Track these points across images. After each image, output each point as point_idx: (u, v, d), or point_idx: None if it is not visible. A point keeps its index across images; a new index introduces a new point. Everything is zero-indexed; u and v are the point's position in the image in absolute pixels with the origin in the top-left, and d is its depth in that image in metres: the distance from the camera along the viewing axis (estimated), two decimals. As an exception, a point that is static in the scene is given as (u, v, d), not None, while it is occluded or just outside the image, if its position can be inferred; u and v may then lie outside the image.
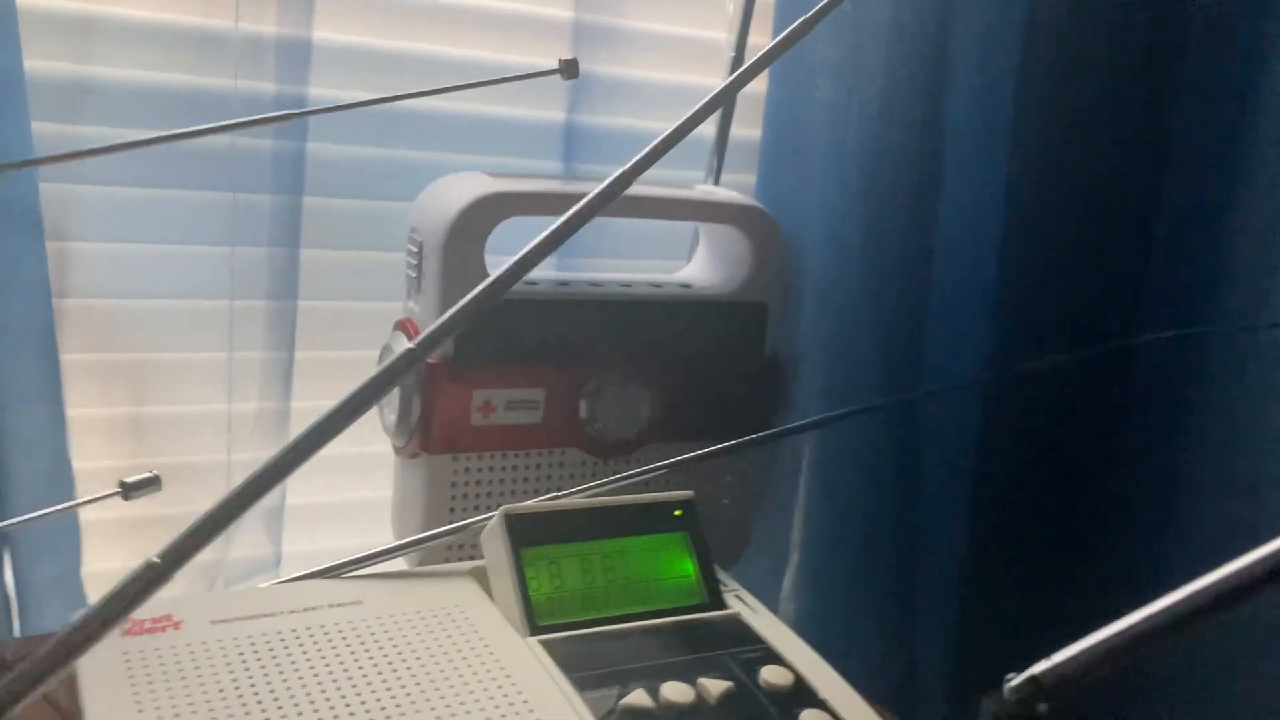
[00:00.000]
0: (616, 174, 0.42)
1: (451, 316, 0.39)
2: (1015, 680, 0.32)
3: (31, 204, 0.66)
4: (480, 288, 0.39)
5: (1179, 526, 0.73)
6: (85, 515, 0.73)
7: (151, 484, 0.51)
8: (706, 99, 0.42)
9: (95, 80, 0.69)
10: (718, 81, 0.85)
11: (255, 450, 0.76)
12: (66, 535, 0.72)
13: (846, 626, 0.77)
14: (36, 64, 0.65)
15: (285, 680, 0.47)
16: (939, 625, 0.77)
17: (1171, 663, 0.72)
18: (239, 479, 0.81)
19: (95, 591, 0.73)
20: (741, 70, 0.42)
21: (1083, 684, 0.31)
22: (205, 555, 0.57)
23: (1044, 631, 0.36)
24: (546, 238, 0.42)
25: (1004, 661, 0.34)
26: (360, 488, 0.80)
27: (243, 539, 0.77)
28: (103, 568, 0.75)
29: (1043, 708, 0.31)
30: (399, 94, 0.55)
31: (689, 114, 0.44)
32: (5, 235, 0.65)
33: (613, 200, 0.42)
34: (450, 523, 0.63)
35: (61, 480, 0.70)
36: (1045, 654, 0.32)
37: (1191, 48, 0.76)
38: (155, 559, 0.37)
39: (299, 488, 0.79)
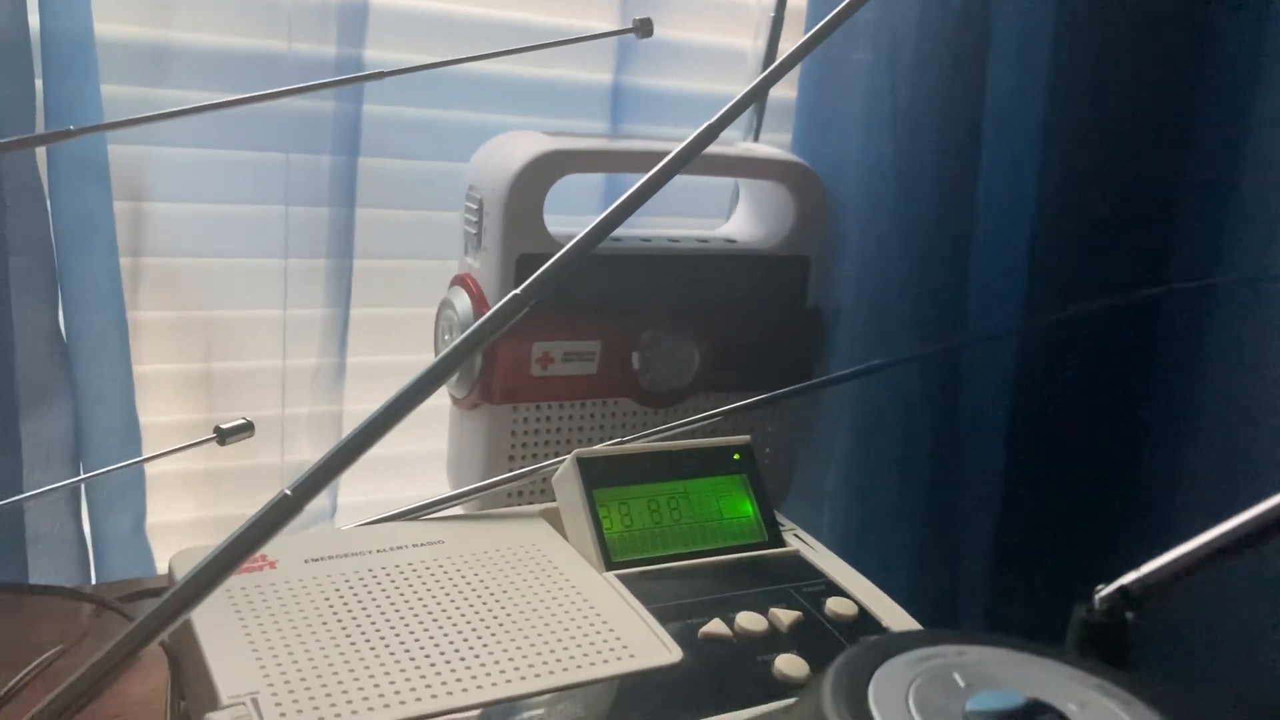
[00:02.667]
0: (700, 130, 0.44)
1: (559, 259, 0.41)
2: (1105, 590, 0.34)
3: (100, 165, 0.68)
4: (583, 233, 0.41)
5: (1204, 464, 0.76)
6: (148, 469, 0.75)
7: (245, 430, 0.53)
8: (789, 53, 0.44)
9: (160, 44, 0.71)
10: (756, 43, 0.88)
11: (313, 405, 0.79)
12: (134, 488, 0.74)
13: (885, 567, 0.79)
14: (106, 28, 0.67)
15: (381, 610, 0.49)
16: (975, 566, 0.81)
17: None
18: (294, 434, 0.84)
19: (160, 543, 0.76)
20: (823, 23, 0.44)
21: (1165, 593, 0.34)
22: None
23: (1077, 569, 0.38)
24: (631, 194, 0.44)
25: (1039, 599, 0.36)
26: (405, 443, 0.83)
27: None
28: (166, 520, 0.78)
29: (1130, 616, 0.34)
30: (469, 56, 0.57)
31: (765, 72, 0.46)
32: (73, 197, 0.67)
33: (696, 156, 0.44)
34: (509, 471, 0.65)
35: (130, 434, 0.73)
36: (1079, 590, 0.35)
37: (1218, 6, 0.78)
38: (288, 491, 0.39)
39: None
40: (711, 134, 0.45)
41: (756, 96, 0.45)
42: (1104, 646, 0.34)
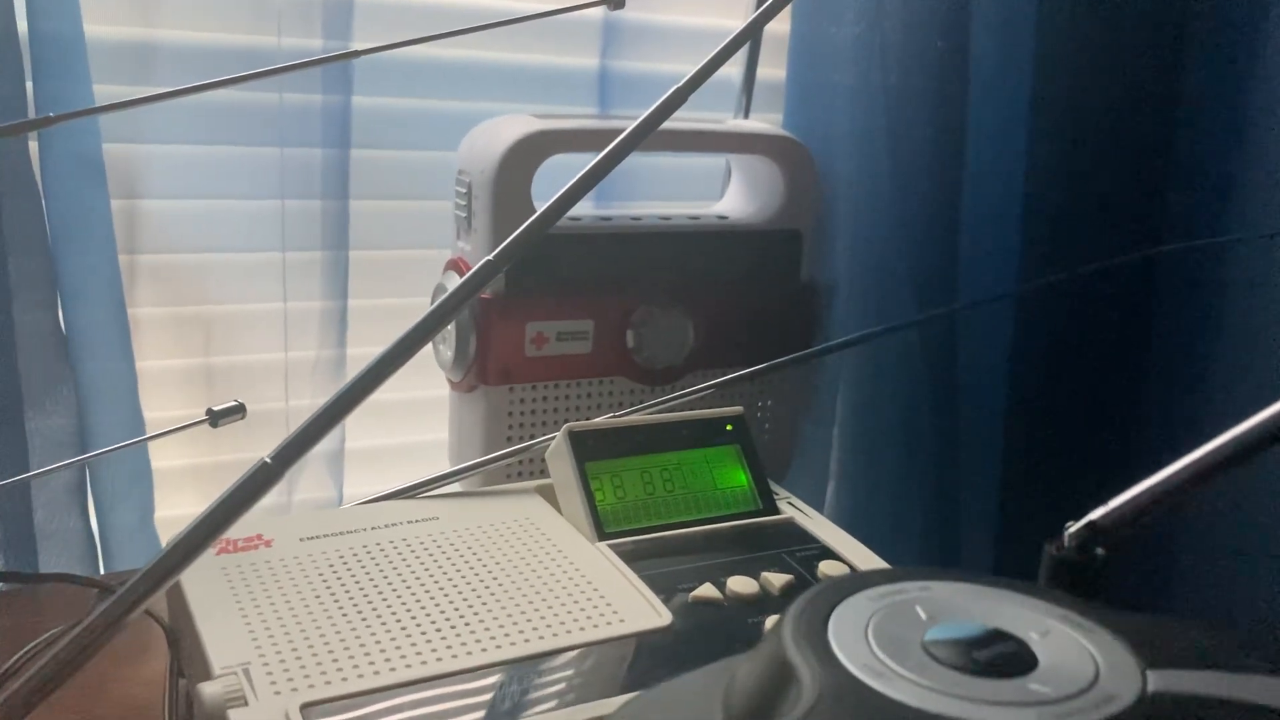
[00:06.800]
0: (657, 104, 0.44)
1: (534, 221, 0.41)
2: (1074, 527, 0.34)
3: (96, 163, 0.69)
4: (560, 193, 0.42)
5: (1207, 428, 0.76)
6: (155, 463, 0.76)
7: (236, 411, 0.54)
8: (749, 20, 0.45)
9: (150, 43, 0.72)
10: (741, 23, 0.88)
11: (314, 397, 0.79)
12: (140, 482, 0.75)
13: (890, 538, 0.80)
14: (96, 29, 0.68)
15: (374, 583, 0.50)
16: (979, 533, 0.80)
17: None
18: (297, 426, 0.84)
19: (169, 537, 0.77)
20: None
21: (1135, 527, 0.34)
22: (271, 499, 0.60)
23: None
24: (593, 168, 0.44)
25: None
26: (407, 433, 0.84)
27: (306, 482, 0.80)
28: (174, 515, 0.79)
29: (1100, 551, 0.34)
30: (448, 31, 0.57)
31: (724, 43, 0.46)
32: (69, 195, 0.68)
33: (654, 130, 0.45)
34: (507, 452, 0.66)
35: (135, 429, 0.74)
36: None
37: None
38: (268, 459, 0.40)
39: (354, 432, 0.83)
40: (698, 80, 0.45)
41: (742, 42, 0.45)
42: (1074, 584, 0.34)
